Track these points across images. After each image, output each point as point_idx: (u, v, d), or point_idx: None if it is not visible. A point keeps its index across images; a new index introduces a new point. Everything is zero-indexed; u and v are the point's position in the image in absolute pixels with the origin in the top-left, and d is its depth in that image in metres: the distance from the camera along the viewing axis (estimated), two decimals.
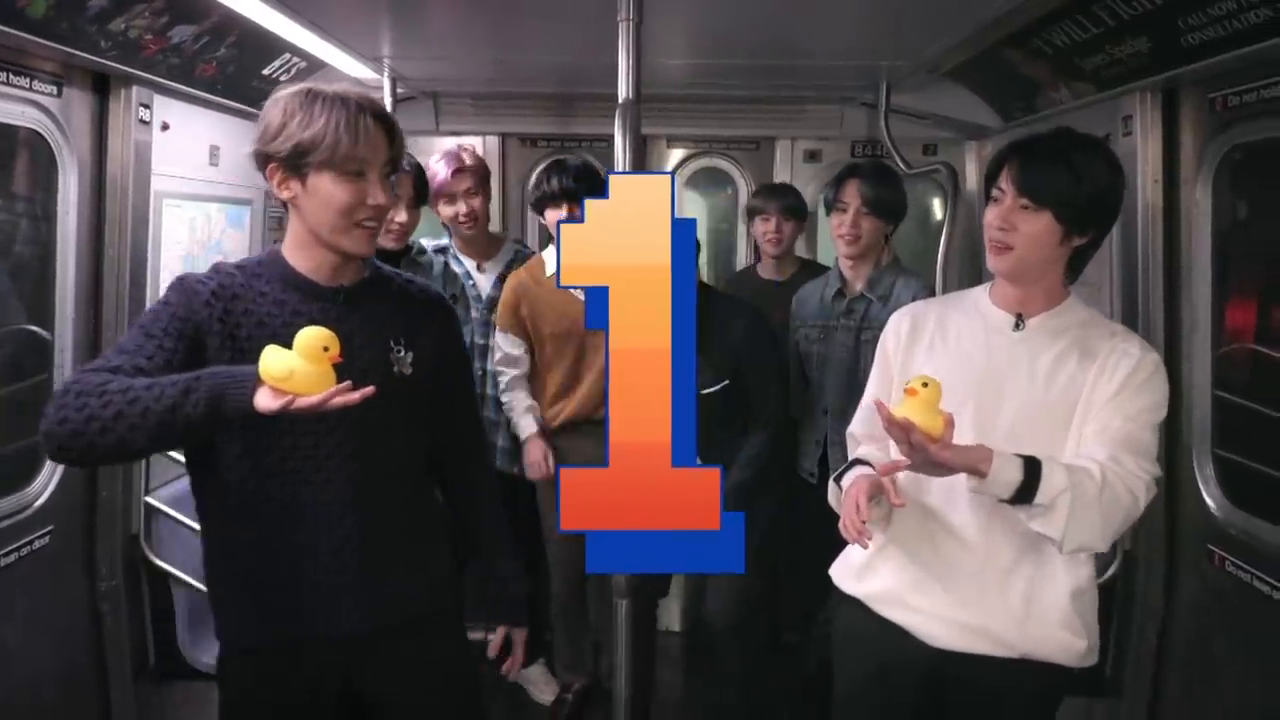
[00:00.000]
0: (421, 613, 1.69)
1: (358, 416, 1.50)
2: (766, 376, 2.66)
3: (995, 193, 1.66)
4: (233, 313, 1.54)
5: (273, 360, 1.31)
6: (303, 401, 1.30)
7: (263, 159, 1.54)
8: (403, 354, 1.62)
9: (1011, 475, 1.47)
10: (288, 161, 1.51)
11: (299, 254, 1.59)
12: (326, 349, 1.33)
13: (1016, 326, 1.67)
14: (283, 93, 1.54)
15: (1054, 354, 1.63)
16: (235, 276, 1.58)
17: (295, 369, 1.31)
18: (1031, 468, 1.47)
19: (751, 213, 3.28)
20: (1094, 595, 1.67)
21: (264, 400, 1.31)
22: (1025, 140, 1.66)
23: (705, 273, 3.91)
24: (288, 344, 1.39)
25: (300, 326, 1.46)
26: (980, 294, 1.75)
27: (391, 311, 1.65)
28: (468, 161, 2.95)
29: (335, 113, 1.50)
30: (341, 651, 1.64)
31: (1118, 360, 1.60)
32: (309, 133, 1.49)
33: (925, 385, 1.46)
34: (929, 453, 1.43)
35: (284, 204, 1.58)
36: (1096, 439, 1.57)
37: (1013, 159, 1.63)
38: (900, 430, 1.43)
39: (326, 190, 1.51)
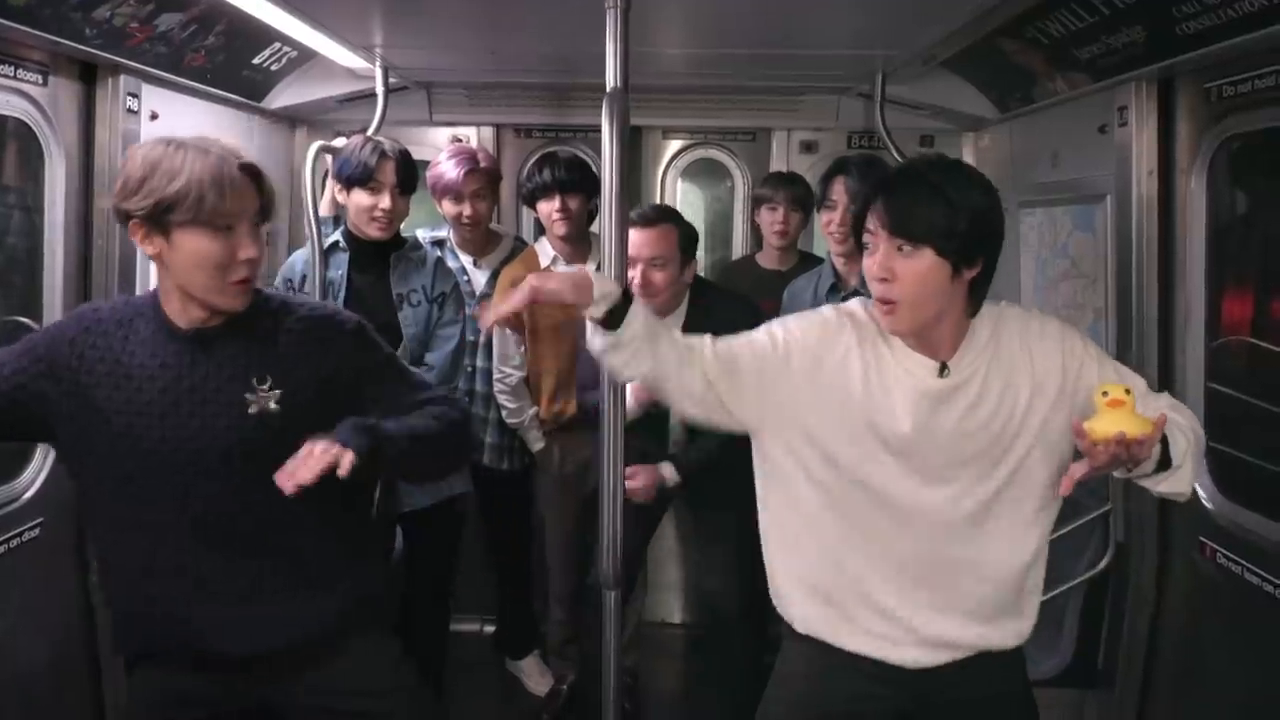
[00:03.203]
0: (323, 636, 1.67)
1: (208, 457, 1.55)
2: None
3: (866, 239, 1.54)
4: (97, 348, 1.57)
5: None
6: None
7: (122, 215, 1.51)
8: (267, 391, 1.57)
9: (1157, 449, 1.47)
10: (150, 218, 1.48)
11: (168, 301, 1.58)
12: None
13: (942, 373, 1.56)
14: (142, 146, 1.52)
15: (978, 383, 1.55)
16: (118, 312, 1.61)
17: None
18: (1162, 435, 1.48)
19: (758, 201, 3.27)
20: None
21: None
22: (887, 176, 1.56)
23: (703, 264, 3.90)
24: (140, 386, 1.53)
25: (153, 368, 1.55)
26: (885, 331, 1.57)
27: (258, 349, 1.60)
28: (481, 163, 2.94)
29: (198, 166, 1.46)
30: (236, 670, 1.65)
31: (1046, 353, 1.56)
32: (172, 188, 1.45)
33: (1128, 392, 1.41)
34: (1141, 451, 1.40)
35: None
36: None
37: (878, 198, 1.51)
38: (1120, 446, 1.37)
39: (194, 248, 1.49)
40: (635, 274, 2.50)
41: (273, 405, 1.57)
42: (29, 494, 2.26)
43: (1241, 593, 2.09)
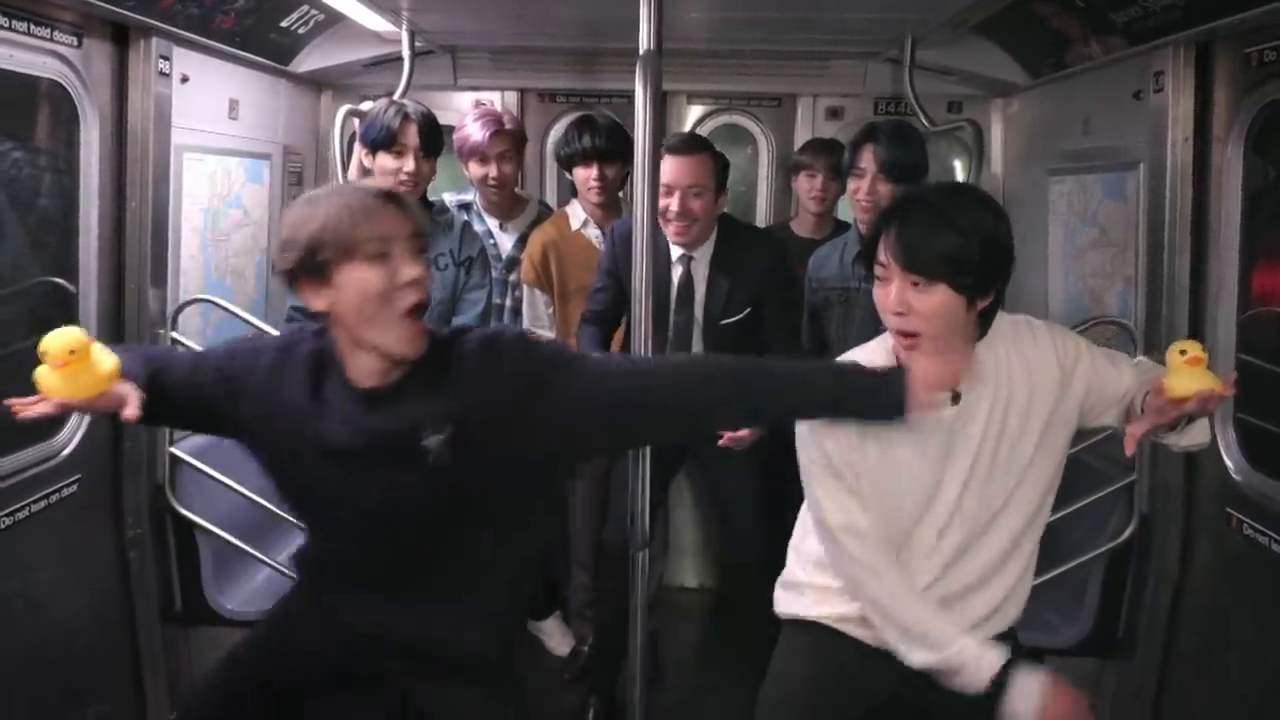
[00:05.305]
0: (467, 658, 1.69)
1: (391, 507, 1.57)
2: (784, 312, 2.68)
3: (879, 270, 1.55)
4: (289, 389, 1.59)
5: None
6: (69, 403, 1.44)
7: (289, 278, 1.51)
8: (444, 439, 1.51)
9: None
10: (307, 267, 1.47)
11: (346, 356, 1.56)
12: (73, 351, 1.41)
13: (955, 400, 1.59)
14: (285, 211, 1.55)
15: (987, 402, 1.59)
16: (302, 357, 1.60)
17: (38, 375, 1.44)
18: None
19: (797, 167, 3.24)
20: None
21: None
22: (897, 207, 1.57)
23: None
24: (320, 433, 1.54)
25: (325, 419, 1.54)
26: (894, 364, 1.62)
27: (425, 399, 1.54)
28: (507, 125, 2.94)
29: (334, 201, 1.48)
30: (368, 658, 1.69)
31: (1041, 357, 1.60)
32: (311, 228, 1.46)
33: (1202, 349, 1.47)
34: (1217, 403, 1.47)
35: (319, 318, 1.56)
36: (1127, 384, 1.61)
37: (889, 230, 1.53)
38: (1201, 403, 1.44)
39: (356, 281, 1.46)
40: (673, 201, 2.50)
41: (445, 456, 1.52)
42: (66, 451, 2.30)
43: (1268, 564, 2.09)
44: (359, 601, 1.65)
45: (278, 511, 2.66)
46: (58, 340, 1.42)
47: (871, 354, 1.67)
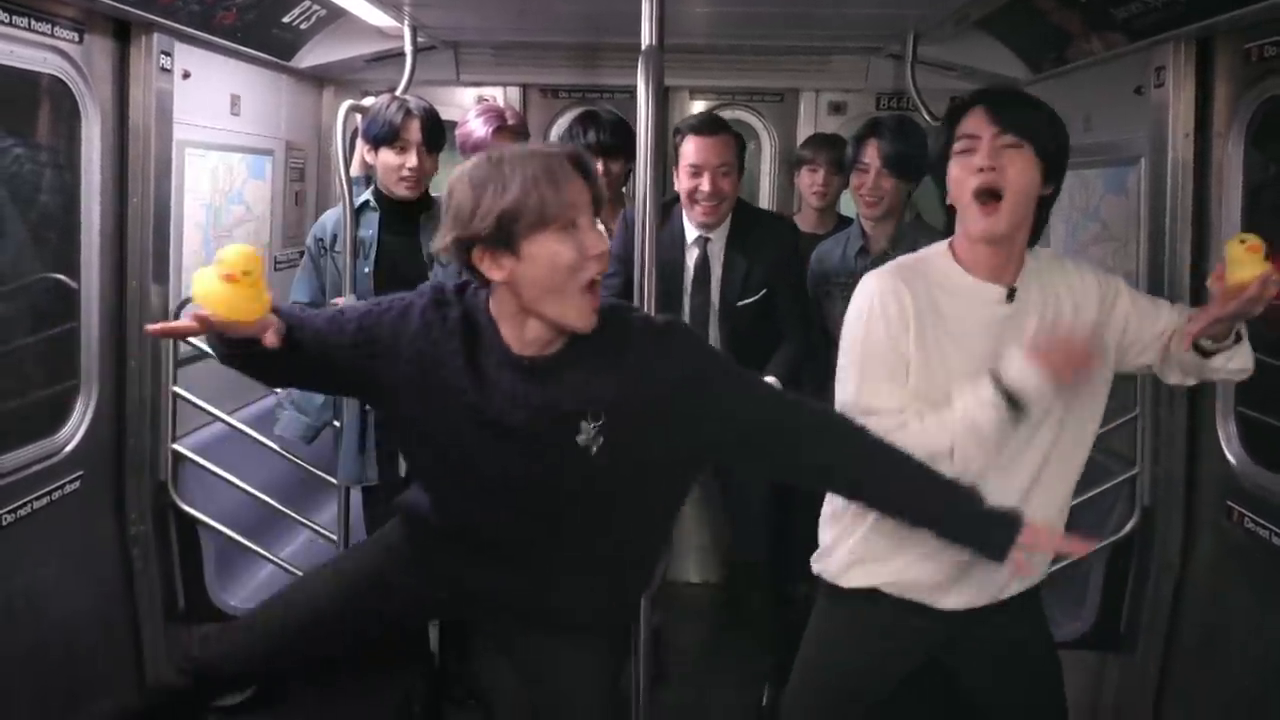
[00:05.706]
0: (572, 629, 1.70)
1: (540, 475, 1.51)
2: (797, 295, 2.68)
3: (963, 144, 1.59)
4: (439, 360, 1.49)
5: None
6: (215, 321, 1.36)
7: (465, 245, 1.42)
8: (592, 430, 1.47)
9: None
10: (495, 238, 1.39)
11: (505, 324, 1.49)
12: (247, 272, 1.35)
13: (1010, 298, 1.62)
14: (463, 169, 1.45)
15: (1037, 316, 1.62)
16: (453, 321, 1.51)
17: (203, 286, 1.36)
18: None
19: (799, 162, 3.25)
20: None
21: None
22: (982, 91, 1.66)
23: None
24: (472, 404, 1.46)
25: (484, 389, 1.47)
26: (951, 265, 1.65)
27: (590, 375, 1.48)
28: (509, 120, 2.93)
29: (527, 168, 1.39)
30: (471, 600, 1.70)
31: (1085, 285, 1.66)
32: (509, 196, 1.38)
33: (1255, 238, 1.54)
34: (1275, 288, 1.52)
35: (481, 280, 1.47)
36: (1166, 322, 1.67)
37: (979, 104, 1.60)
38: (1262, 286, 1.50)
39: (547, 252, 1.39)
40: (704, 181, 2.51)
41: (595, 445, 1.48)
42: (69, 448, 2.31)
43: (1269, 557, 2.10)
44: (479, 571, 1.63)
45: (280, 508, 2.67)
46: (238, 251, 1.36)
47: (929, 255, 1.69)
